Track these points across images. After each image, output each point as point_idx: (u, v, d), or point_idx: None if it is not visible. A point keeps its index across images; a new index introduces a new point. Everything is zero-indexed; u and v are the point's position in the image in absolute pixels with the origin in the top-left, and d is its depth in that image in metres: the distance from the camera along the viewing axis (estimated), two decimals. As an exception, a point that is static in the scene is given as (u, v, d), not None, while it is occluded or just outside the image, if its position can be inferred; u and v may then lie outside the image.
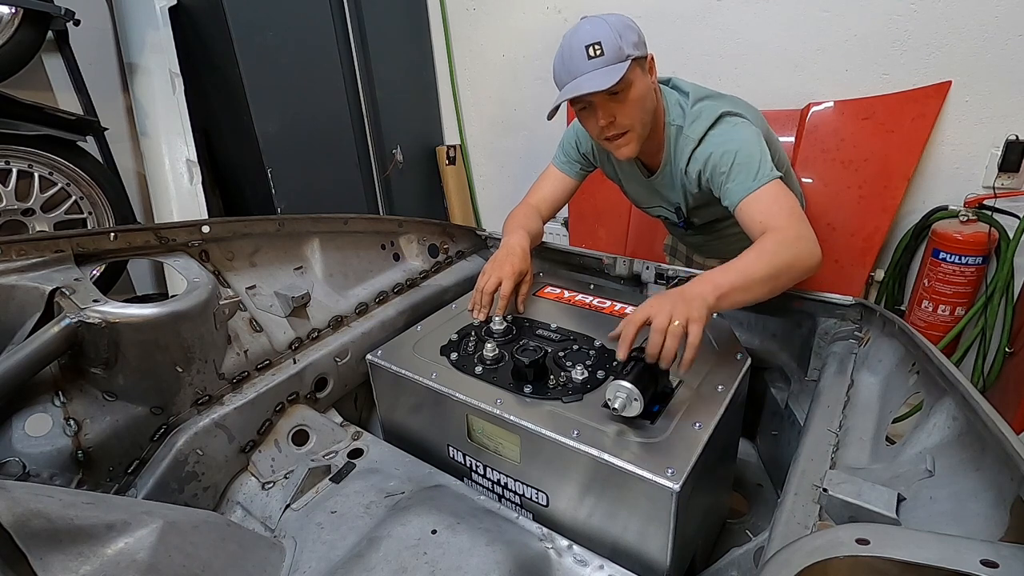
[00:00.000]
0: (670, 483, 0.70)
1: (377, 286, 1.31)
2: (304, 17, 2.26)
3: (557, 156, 1.40)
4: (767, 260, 0.94)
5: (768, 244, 0.97)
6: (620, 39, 1.02)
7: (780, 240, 0.97)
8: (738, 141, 1.09)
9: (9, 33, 1.89)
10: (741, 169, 1.06)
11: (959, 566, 0.45)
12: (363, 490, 0.91)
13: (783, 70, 1.99)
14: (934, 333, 1.85)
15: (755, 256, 0.95)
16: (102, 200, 2.12)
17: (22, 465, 0.77)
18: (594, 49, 1.02)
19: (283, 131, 2.25)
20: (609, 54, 1.02)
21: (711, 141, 1.12)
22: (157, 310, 0.87)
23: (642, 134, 1.14)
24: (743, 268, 0.93)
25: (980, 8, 1.63)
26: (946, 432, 0.68)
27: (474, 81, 2.78)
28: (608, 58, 1.02)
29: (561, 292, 1.22)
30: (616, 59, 1.02)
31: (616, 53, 1.02)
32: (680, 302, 0.84)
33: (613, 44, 1.02)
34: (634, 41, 1.05)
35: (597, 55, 1.02)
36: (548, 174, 1.40)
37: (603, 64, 1.03)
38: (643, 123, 1.12)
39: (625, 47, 1.03)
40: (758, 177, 1.04)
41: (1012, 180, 1.72)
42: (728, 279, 0.90)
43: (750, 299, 0.92)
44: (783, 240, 0.97)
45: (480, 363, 0.97)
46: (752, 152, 1.07)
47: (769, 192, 1.04)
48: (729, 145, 1.09)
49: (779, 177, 1.05)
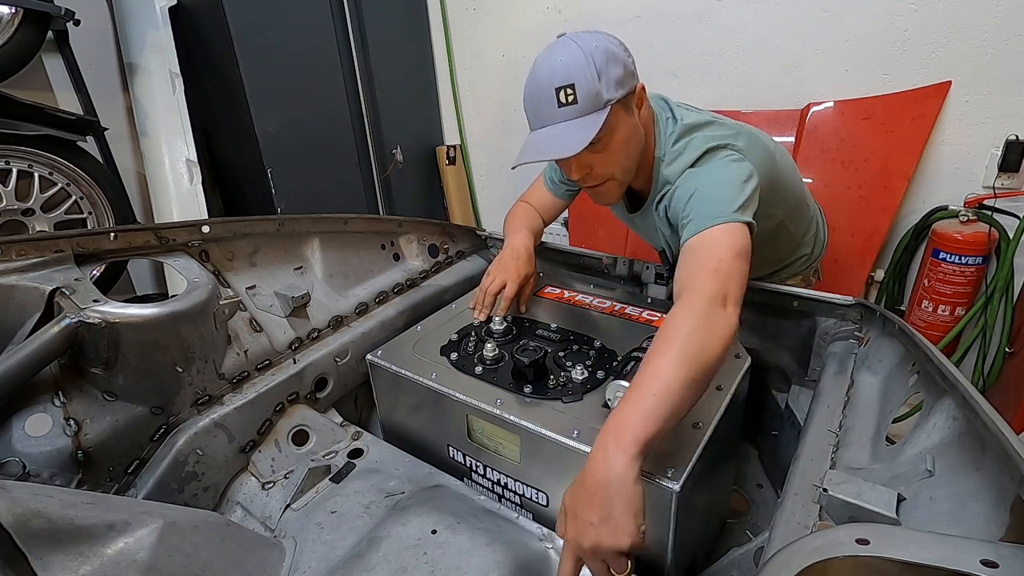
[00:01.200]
0: (670, 483, 0.70)
1: (377, 286, 1.31)
2: (304, 17, 2.26)
3: (547, 172, 1.29)
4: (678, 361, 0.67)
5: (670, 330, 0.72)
6: (599, 79, 0.84)
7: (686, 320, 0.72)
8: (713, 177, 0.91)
9: (9, 33, 1.89)
10: (697, 206, 0.88)
11: (959, 566, 0.45)
12: (363, 490, 0.91)
13: (783, 70, 1.99)
14: (934, 333, 1.85)
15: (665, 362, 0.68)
16: (102, 200, 2.12)
17: (22, 465, 0.77)
18: (566, 94, 0.84)
19: (283, 131, 2.25)
20: (584, 101, 0.84)
21: (689, 180, 0.94)
22: (157, 310, 0.87)
23: (624, 180, 0.99)
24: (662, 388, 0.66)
25: (980, 8, 1.63)
26: (946, 432, 0.68)
27: (474, 81, 2.78)
28: (582, 107, 0.84)
29: (561, 292, 1.22)
30: (592, 107, 0.85)
31: (592, 100, 0.84)
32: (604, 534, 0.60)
33: (589, 88, 0.84)
34: (618, 77, 0.86)
35: (569, 102, 0.84)
36: (539, 186, 1.31)
37: (575, 114, 0.85)
38: (625, 170, 0.97)
39: (604, 91, 0.85)
40: (711, 215, 0.84)
41: (1012, 180, 1.72)
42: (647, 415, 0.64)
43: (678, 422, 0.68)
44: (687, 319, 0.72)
45: (480, 363, 0.97)
46: (722, 189, 0.88)
47: (710, 236, 0.83)
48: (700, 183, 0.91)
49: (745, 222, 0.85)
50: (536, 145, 0.89)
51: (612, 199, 1.02)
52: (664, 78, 2.22)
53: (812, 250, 1.35)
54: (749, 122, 1.23)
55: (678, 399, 0.66)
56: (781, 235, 1.22)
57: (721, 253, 0.80)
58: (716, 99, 2.12)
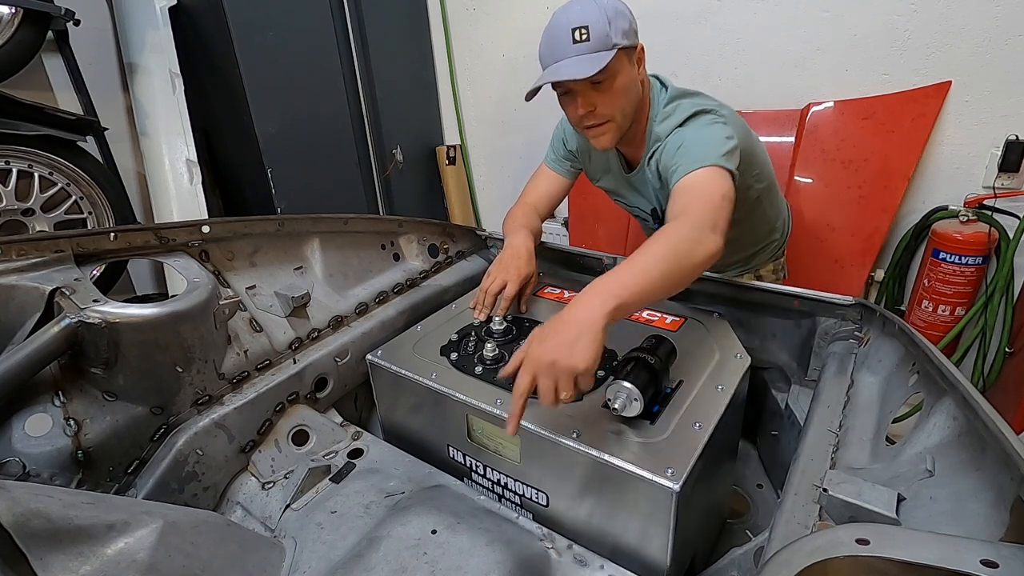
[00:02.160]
0: (670, 483, 0.70)
1: (377, 286, 1.31)
2: (304, 17, 2.26)
3: (548, 155, 1.38)
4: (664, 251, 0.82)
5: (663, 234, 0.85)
6: (609, 25, 0.97)
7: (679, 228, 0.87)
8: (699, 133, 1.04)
9: (9, 33, 1.89)
10: (685, 153, 1.00)
11: (959, 566, 0.45)
12: (363, 490, 0.91)
13: (783, 70, 1.99)
14: (934, 333, 1.85)
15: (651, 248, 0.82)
16: (102, 200, 2.12)
17: (22, 465, 0.77)
18: (580, 33, 0.97)
19: (283, 131, 2.25)
20: (595, 40, 0.97)
21: (675, 140, 1.06)
22: (157, 310, 0.87)
23: (622, 125, 1.10)
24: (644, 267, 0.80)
25: (980, 8, 1.63)
26: (946, 432, 0.68)
27: (474, 81, 2.78)
28: (594, 44, 0.97)
29: (561, 292, 1.22)
30: (602, 46, 0.98)
31: (603, 40, 0.97)
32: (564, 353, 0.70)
33: (601, 30, 0.97)
34: (624, 29, 1.00)
35: (583, 39, 0.97)
36: (541, 172, 1.38)
37: (588, 50, 0.98)
38: (624, 114, 1.08)
39: (613, 35, 0.98)
40: (698, 159, 0.97)
41: (1012, 180, 1.72)
42: (627, 284, 0.77)
43: (649, 303, 0.84)
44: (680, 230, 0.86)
45: (480, 363, 0.97)
46: (706, 139, 1.01)
47: (698, 175, 0.96)
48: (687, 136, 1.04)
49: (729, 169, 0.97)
50: (552, 71, 1.01)
51: (609, 142, 1.11)
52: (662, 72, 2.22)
53: (781, 236, 1.48)
54: (749, 122, 1.24)
55: (656, 284, 0.79)
56: (757, 211, 1.32)
57: (711, 191, 0.93)
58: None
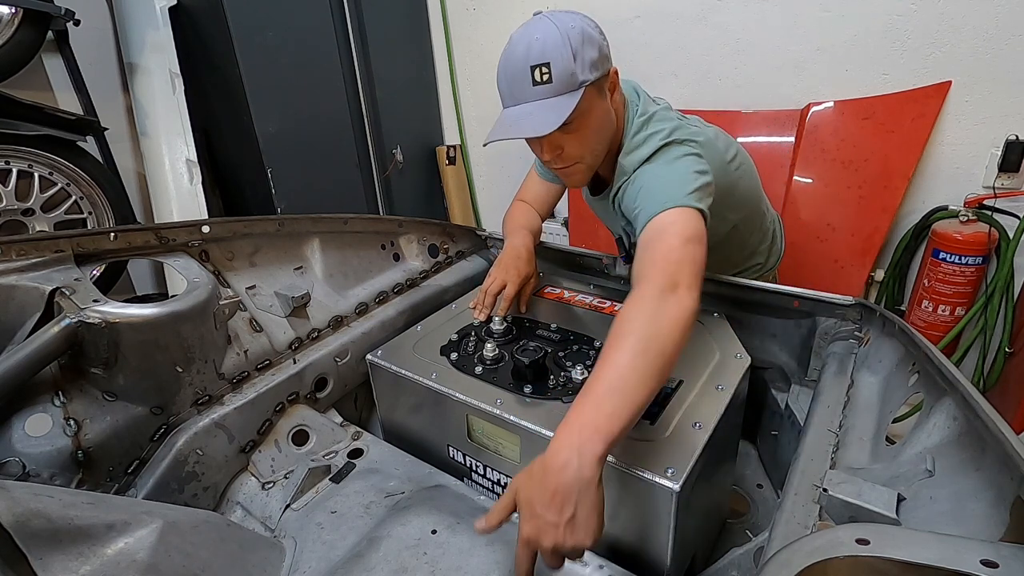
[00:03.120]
0: (670, 483, 0.70)
1: (377, 286, 1.31)
2: (304, 17, 2.26)
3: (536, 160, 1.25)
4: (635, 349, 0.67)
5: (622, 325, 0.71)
6: (575, 60, 0.84)
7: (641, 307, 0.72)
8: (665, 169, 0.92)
9: (9, 33, 1.89)
10: (647, 195, 0.88)
11: (959, 566, 0.45)
12: (363, 490, 0.91)
13: (783, 70, 1.99)
14: (934, 333, 1.85)
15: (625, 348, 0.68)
16: (102, 200, 2.12)
17: (22, 465, 0.77)
18: (541, 73, 0.84)
19: (283, 131, 2.25)
20: (559, 81, 0.84)
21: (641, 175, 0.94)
22: (157, 310, 0.87)
23: (593, 165, 0.99)
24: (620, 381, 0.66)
25: (980, 8, 1.63)
26: (946, 432, 0.68)
27: (474, 81, 2.78)
28: (557, 86, 0.84)
29: (561, 292, 1.22)
30: (566, 87, 0.85)
31: (567, 80, 0.84)
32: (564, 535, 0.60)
33: (564, 68, 0.84)
34: (593, 59, 0.86)
35: (544, 80, 0.84)
36: (532, 177, 1.32)
37: (550, 93, 0.85)
38: (595, 154, 0.97)
39: (580, 71, 0.85)
40: (660, 202, 0.84)
41: (1012, 180, 1.72)
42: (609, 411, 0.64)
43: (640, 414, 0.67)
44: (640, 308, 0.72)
45: (480, 363, 0.97)
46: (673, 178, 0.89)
47: (659, 222, 0.82)
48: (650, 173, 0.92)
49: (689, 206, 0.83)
50: (509, 123, 0.89)
51: (580, 182, 1.03)
52: (664, 78, 2.22)
53: (767, 260, 1.34)
54: (749, 122, 1.23)
55: (639, 394, 0.65)
56: (733, 240, 1.22)
57: (670, 242, 0.79)
58: (716, 99, 2.12)
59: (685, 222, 0.82)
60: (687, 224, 0.81)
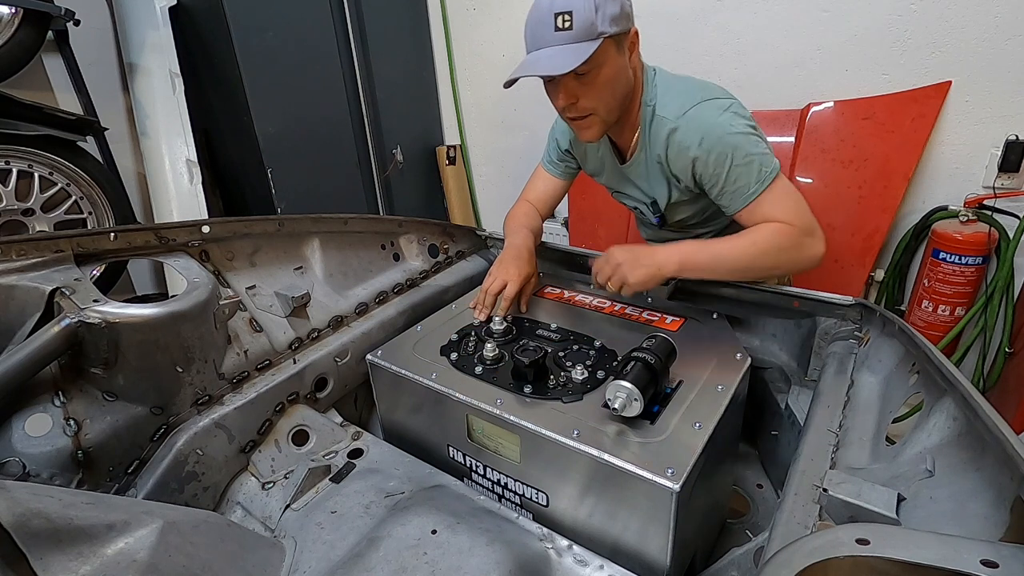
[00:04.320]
0: (670, 483, 0.70)
1: (377, 286, 1.31)
2: (304, 17, 2.26)
3: (544, 156, 1.36)
4: (751, 254, 0.98)
5: (762, 237, 0.98)
6: (596, 11, 0.90)
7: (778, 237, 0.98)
8: (732, 129, 0.99)
9: (9, 33, 1.89)
10: (741, 172, 0.99)
11: (959, 566, 0.45)
12: (363, 490, 0.91)
13: (783, 70, 1.99)
14: (934, 333, 1.85)
15: (742, 245, 0.99)
16: (102, 200, 2.12)
17: (22, 465, 0.77)
18: (563, 20, 0.90)
19: (283, 131, 2.25)
20: (579, 28, 0.90)
21: (693, 127, 1.01)
22: (157, 310, 0.87)
23: (607, 119, 1.04)
24: (722, 253, 0.99)
25: (980, 8, 1.63)
26: (946, 432, 0.68)
27: (474, 81, 2.78)
28: (577, 32, 0.90)
29: (561, 292, 1.22)
30: (586, 35, 0.90)
31: (587, 29, 0.90)
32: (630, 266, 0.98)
33: (586, 17, 0.89)
34: (613, 15, 0.92)
35: (565, 27, 0.90)
36: (538, 174, 1.37)
37: (570, 39, 0.91)
38: (608, 108, 1.02)
39: (599, 22, 0.90)
40: (760, 178, 0.99)
41: (1012, 180, 1.72)
42: (699, 259, 0.99)
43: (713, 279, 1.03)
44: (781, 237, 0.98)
45: (480, 363, 0.97)
46: (749, 150, 0.99)
47: (772, 193, 1.00)
48: (724, 139, 0.99)
49: (778, 170, 1.01)
50: (530, 63, 0.96)
51: (594, 135, 1.06)
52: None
53: None
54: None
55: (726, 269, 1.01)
56: None
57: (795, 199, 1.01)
58: (716, 99, 2.12)
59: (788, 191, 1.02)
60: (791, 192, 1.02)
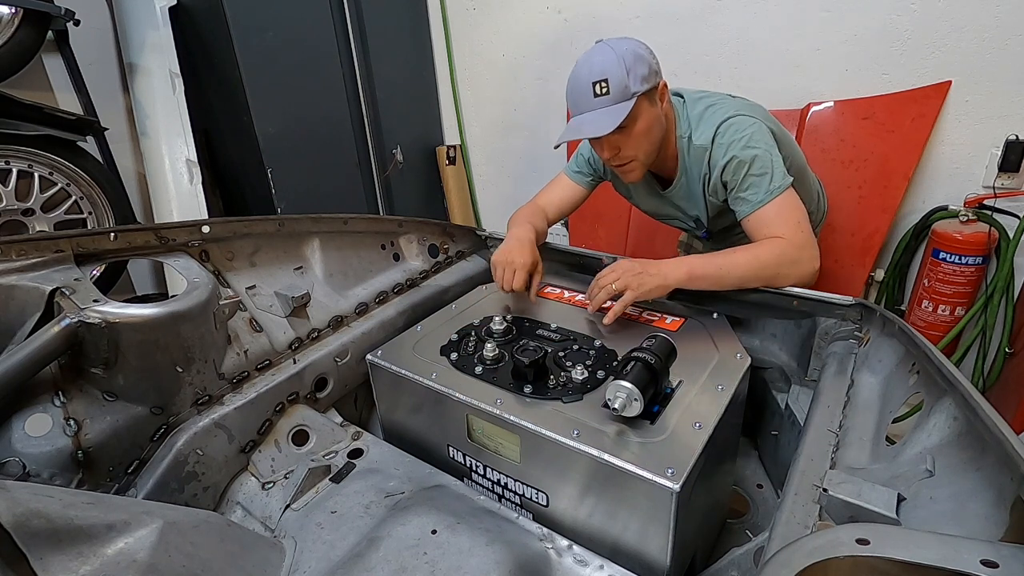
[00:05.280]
0: (670, 483, 0.70)
1: (377, 286, 1.31)
2: (304, 17, 2.25)
3: (570, 165, 1.42)
4: (753, 268, 1.05)
5: (764, 252, 1.06)
6: (628, 75, 1.03)
7: (778, 251, 1.05)
8: (752, 144, 1.11)
9: (9, 33, 1.89)
10: (755, 180, 1.10)
11: (959, 566, 0.45)
12: (363, 490, 0.91)
13: (783, 70, 1.99)
14: (934, 333, 1.85)
15: (745, 259, 1.05)
16: (102, 200, 2.12)
17: (22, 465, 0.77)
18: (600, 87, 1.04)
19: (283, 131, 2.25)
20: (615, 92, 1.03)
21: (722, 142, 1.14)
22: (157, 310, 0.87)
23: (646, 162, 1.18)
24: (725, 266, 1.04)
25: (980, 8, 1.63)
26: (946, 432, 0.68)
27: (474, 81, 2.78)
28: (614, 96, 1.04)
29: (561, 292, 1.22)
30: (621, 97, 1.04)
31: (622, 92, 1.04)
32: (636, 275, 1.01)
33: (619, 82, 1.03)
34: (643, 75, 1.05)
35: (603, 92, 1.04)
36: (559, 181, 1.43)
37: (608, 103, 1.04)
38: (647, 153, 1.15)
39: (632, 84, 1.04)
40: (770, 189, 1.09)
41: (1012, 180, 1.72)
42: (706, 271, 1.04)
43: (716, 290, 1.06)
44: (780, 252, 1.05)
45: (480, 363, 0.97)
46: (765, 160, 1.10)
47: (778, 205, 1.09)
48: (744, 151, 1.11)
49: (791, 184, 1.09)
50: (575, 127, 1.10)
51: (636, 177, 1.21)
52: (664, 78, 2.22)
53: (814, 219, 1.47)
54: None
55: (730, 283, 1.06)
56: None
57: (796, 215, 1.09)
58: (716, 99, 2.12)
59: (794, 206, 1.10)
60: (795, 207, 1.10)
